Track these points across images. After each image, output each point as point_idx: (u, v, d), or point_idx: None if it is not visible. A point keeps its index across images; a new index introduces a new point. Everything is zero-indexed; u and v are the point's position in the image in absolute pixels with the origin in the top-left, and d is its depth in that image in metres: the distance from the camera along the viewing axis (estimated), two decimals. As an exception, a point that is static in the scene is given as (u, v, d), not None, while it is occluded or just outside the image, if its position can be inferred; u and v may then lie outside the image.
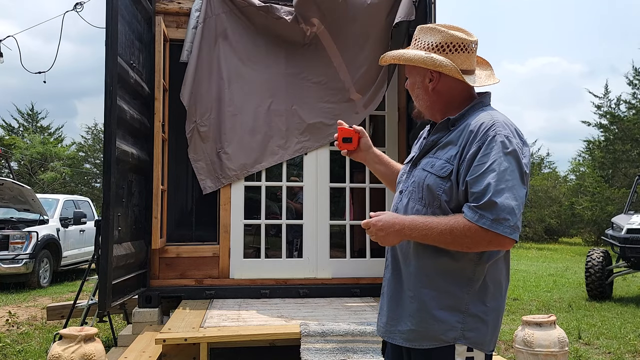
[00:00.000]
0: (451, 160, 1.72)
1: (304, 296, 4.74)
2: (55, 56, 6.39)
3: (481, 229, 1.59)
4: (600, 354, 5.36)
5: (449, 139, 1.77)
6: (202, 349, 3.46)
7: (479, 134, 1.69)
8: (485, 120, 1.72)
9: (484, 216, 1.59)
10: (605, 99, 21.62)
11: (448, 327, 1.72)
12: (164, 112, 4.70)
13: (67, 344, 3.07)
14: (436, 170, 1.74)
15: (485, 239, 1.60)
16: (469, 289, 1.72)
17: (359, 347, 3.49)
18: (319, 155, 4.95)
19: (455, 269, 1.72)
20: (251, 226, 5.68)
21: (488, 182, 1.61)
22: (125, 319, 5.70)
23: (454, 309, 1.72)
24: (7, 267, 8.86)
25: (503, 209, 1.58)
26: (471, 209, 1.61)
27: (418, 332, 1.75)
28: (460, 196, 1.69)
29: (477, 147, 1.67)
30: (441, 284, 1.72)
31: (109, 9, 3.83)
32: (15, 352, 5.16)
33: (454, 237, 1.63)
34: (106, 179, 3.82)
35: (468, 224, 1.60)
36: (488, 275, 1.74)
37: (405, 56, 1.84)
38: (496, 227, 1.58)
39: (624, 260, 8.72)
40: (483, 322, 1.73)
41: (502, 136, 1.67)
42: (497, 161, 1.63)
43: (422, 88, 1.86)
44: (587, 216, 21.25)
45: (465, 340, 1.72)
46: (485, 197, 1.59)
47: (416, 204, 1.78)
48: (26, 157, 25.32)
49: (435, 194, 1.72)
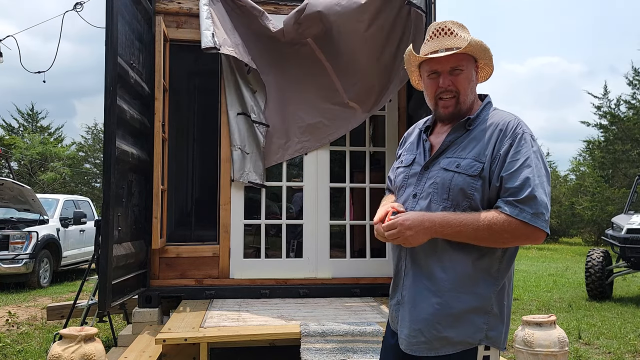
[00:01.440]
0: (479, 158, 1.73)
1: (304, 296, 4.74)
2: (55, 56, 6.38)
3: (522, 223, 1.62)
4: (600, 354, 5.36)
5: (472, 137, 1.78)
6: (202, 349, 3.46)
7: (508, 131, 1.73)
8: (511, 119, 1.77)
9: (524, 210, 1.62)
10: (605, 99, 21.63)
11: (476, 329, 1.70)
12: (164, 112, 4.70)
13: (67, 344, 3.06)
14: (464, 169, 1.73)
15: (524, 233, 1.63)
16: (495, 287, 1.73)
17: (359, 347, 3.49)
18: (319, 155, 4.94)
19: (484, 268, 1.72)
20: (251, 226, 5.68)
21: (526, 176, 1.65)
22: (125, 319, 5.70)
23: (482, 310, 1.71)
24: (7, 267, 8.86)
25: (541, 203, 1.63)
26: (510, 204, 1.64)
27: (445, 338, 1.71)
28: (491, 193, 1.71)
29: (509, 144, 1.71)
30: (469, 286, 1.71)
31: (109, 9, 3.83)
32: (15, 352, 5.16)
33: (491, 233, 1.64)
34: (106, 179, 3.81)
35: (508, 219, 1.63)
36: (507, 273, 1.76)
37: (485, 45, 1.82)
38: (535, 220, 1.62)
39: (624, 260, 8.72)
40: (502, 320, 1.74)
41: (529, 134, 1.74)
42: (530, 157, 1.68)
43: (475, 80, 1.87)
44: (587, 216, 21.25)
45: (487, 340, 1.71)
46: (525, 191, 1.63)
47: (440, 205, 1.74)
48: (26, 157, 25.31)
49: (467, 193, 1.71)
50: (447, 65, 1.80)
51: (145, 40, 4.64)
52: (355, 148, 5.13)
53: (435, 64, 1.82)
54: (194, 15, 4.83)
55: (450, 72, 1.80)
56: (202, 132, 7.32)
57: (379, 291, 4.76)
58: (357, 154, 5.29)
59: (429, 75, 1.85)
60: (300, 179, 5.05)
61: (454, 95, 1.81)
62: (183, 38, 4.84)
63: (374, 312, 4.18)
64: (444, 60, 1.80)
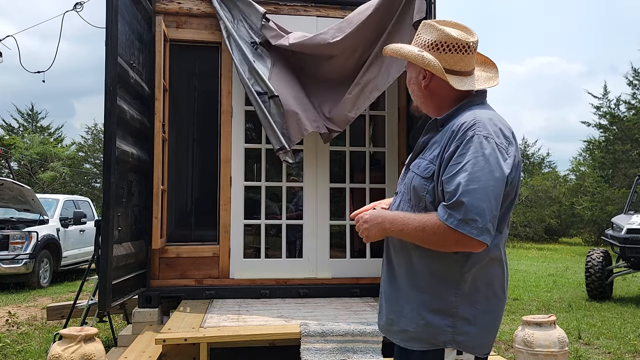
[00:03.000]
0: (434, 160, 1.72)
1: (304, 296, 4.74)
2: (55, 56, 6.38)
3: (449, 228, 1.58)
4: (600, 354, 5.36)
5: (435, 139, 1.79)
6: (202, 349, 3.46)
7: (458, 133, 1.68)
8: (467, 120, 1.70)
9: (452, 215, 1.57)
10: (605, 99, 21.64)
11: (438, 330, 1.71)
12: (164, 112, 4.69)
13: (67, 344, 3.07)
14: (421, 171, 1.75)
15: (452, 238, 1.58)
16: (457, 291, 1.71)
17: (359, 347, 3.50)
18: (319, 155, 4.94)
19: (442, 271, 1.71)
20: (251, 226, 5.68)
21: (459, 181, 1.59)
22: (125, 319, 5.70)
23: (443, 312, 1.71)
24: (7, 267, 8.86)
25: (471, 210, 1.55)
26: (442, 208, 1.61)
27: (411, 333, 1.75)
28: (440, 196, 1.68)
29: (455, 147, 1.66)
30: (430, 287, 1.73)
31: (109, 9, 3.83)
32: (15, 352, 5.17)
33: (425, 234, 1.63)
34: (106, 179, 3.82)
35: (438, 222, 1.60)
36: (478, 277, 1.72)
37: (400, 51, 1.86)
38: (462, 227, 1.56)
39: (624, 260, 8.72)
40: (473, 325, 1.71)
41: (481, 136, 1.64)
42: (472, 161, 1.60)
43: (416, 84, 1.89)
44: (587, 216, 21.26)
45: (455, 344, 1.71)
46: (454, 196, 1.58)
47: (405, 205, 1.80)
48: (26, 157, 25.32)
49: (420, 195, 1.73)
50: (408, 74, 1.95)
51: (145, 40, 4.64)
52: (355, 148, 5.13)
53: None
54: (194, 15, 4.84)
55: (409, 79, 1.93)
56: (202, 132, 7.33)
57: (379, 291, 4.75)
58: (357, 154, 5.29)
59: None
60: (300, 178, 5.05)
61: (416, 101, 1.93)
62: (183, 38, 4.83)
63: (374, 312, 4.18)
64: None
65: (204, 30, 4.84)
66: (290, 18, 4.87)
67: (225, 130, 4.84)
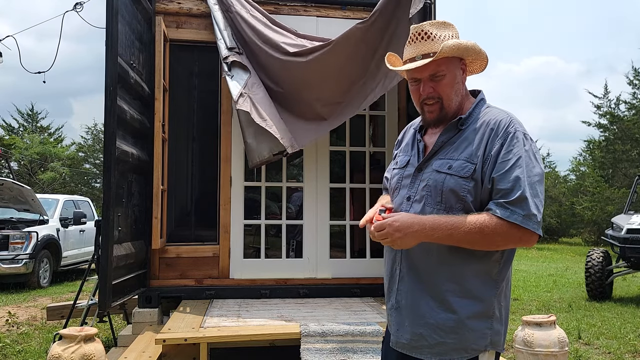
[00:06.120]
0: (471, 159, 1.68)
1: (304, 296, 4.74)
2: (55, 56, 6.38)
3: (513, 226, 1.59)
4: (600, 354, 5.36)
5: (464, 138, 1.73)
6: (202, 349, 3.46)
7: (499, 130, 1.69)
8: (503, 117, 1.72)
9: (515, 212, 1.59)
10: (605, 99, 21.63)
11: (479, 335, 1.68)
12: (164, 112, 4.70)
13: (67, 344, 3.07)
14: (456, 170, 1.69)
15: (516, 235, 1.60)
16: (496, 291, 1.70)
17: (359, 347, 3.49)
18: (319, 155, 4.94)
19: (484, 272, 1.68)
20: (251, 226, 5.68)
21: (517, 178, 1.61)
22: (125, 319, 5.69)
23: (484, 315, 1.68)
24: (7, 267, 8.85)
25: (532, 205, 1.59)
26: (502, 206, 1.60)
27: (450, 344, 1.68)
28: (483, 194, 1.67)
29: (500, 144, 1.67)
30: (471, 291, 1.67)
31: (109, 9, 3.83)
32: (15, 352, 5.16)
33: (483, 236, 1.60)
34: (106, 179, 3.82)
35: (500, 222, 1.59)
36: (508, 275, 1.74)
37: (463, 45, 1.73)
38: (527, 223, 1.58)
39: (624, 260, 8.71)
40: (501, 322, 1.73)
41: (521, 133, 1.69)
42: (522, 157, 1.64)
43: (461, 82, 1.80)
44: (587, 216, 21.24)
45: (491, 345, 1.69)
46: (516, 193, 1.59)
47: (432, 208, 1.70)
48: (26, 157, 25.31)
49: (459, 195, 1.67)
50: (425, 73, 1.75)
51: (145, 40, 4.64)
52: (355, 148, 5.13)
53: (415, 72, 1.76)
54: (194, 15, 4.84)
55: (430, 78, 1.75)
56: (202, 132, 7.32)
57: (379, 291, 4.75)
58: (357, 154, 5.29)
59: (411, 83, 1.81)
60: (300, 178, 5.05)
61: (437, 101, 1.76)
62: (183, 38, 4.84)
63: (374, 312, 4.18)
64: (422, 69, 1.74)
65: (203, 30, 4.84)
66: (290, 18, 4.87)
67: (225, 130, 4.85)
